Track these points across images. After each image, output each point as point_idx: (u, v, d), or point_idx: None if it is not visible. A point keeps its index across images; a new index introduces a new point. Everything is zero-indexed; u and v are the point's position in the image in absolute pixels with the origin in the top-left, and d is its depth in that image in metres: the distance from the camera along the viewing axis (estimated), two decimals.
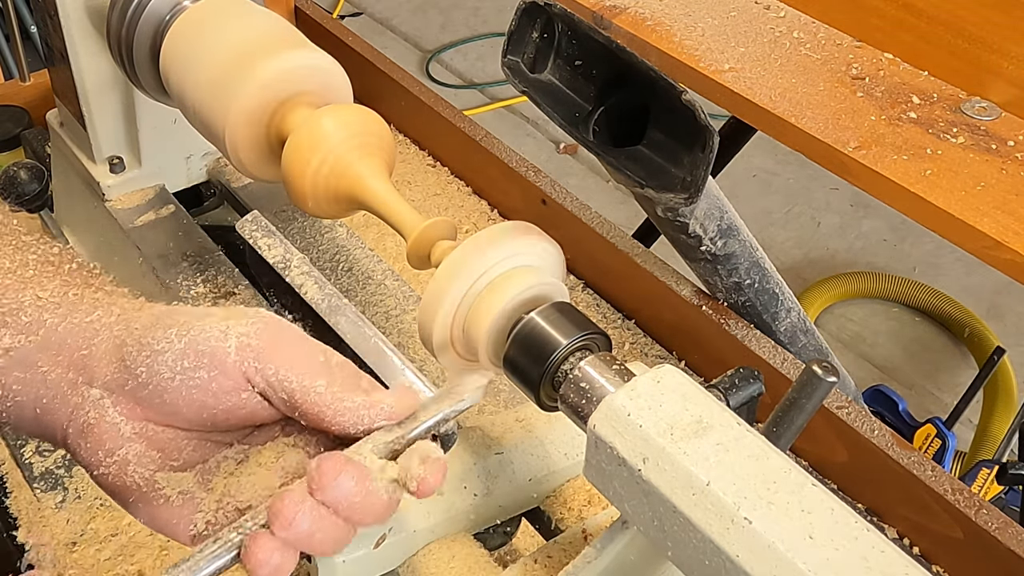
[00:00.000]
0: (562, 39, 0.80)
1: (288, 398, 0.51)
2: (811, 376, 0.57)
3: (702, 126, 0.70)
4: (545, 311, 0.60)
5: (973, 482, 1.60)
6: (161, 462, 0.53)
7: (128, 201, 1.02)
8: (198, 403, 0.51)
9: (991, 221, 0.87)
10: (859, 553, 0.47)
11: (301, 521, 0.48)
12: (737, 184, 2.72)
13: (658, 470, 0.52)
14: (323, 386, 0.51)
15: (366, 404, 0.52)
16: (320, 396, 0.51)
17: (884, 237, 2.70)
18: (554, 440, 0.81)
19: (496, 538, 0.82)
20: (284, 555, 0.49)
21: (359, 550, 0.72)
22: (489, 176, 1.18)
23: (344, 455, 0.50)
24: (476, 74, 3.31)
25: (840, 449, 0.86)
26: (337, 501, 0.49)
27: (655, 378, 0.55)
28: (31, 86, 1.17)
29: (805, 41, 1.13)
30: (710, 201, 0.88)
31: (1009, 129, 0.99)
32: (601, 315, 1.05)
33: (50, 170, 1.13)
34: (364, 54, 1.29)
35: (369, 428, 0.52)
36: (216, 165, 1.07)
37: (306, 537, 0.49)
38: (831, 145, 0.96)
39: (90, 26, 0.91)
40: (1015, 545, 0.74)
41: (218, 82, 0.76)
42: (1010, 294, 2.49)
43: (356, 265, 1.04)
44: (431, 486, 0.51)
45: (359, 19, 3.59)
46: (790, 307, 1.02)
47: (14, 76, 1.14)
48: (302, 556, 0.67)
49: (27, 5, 2.16)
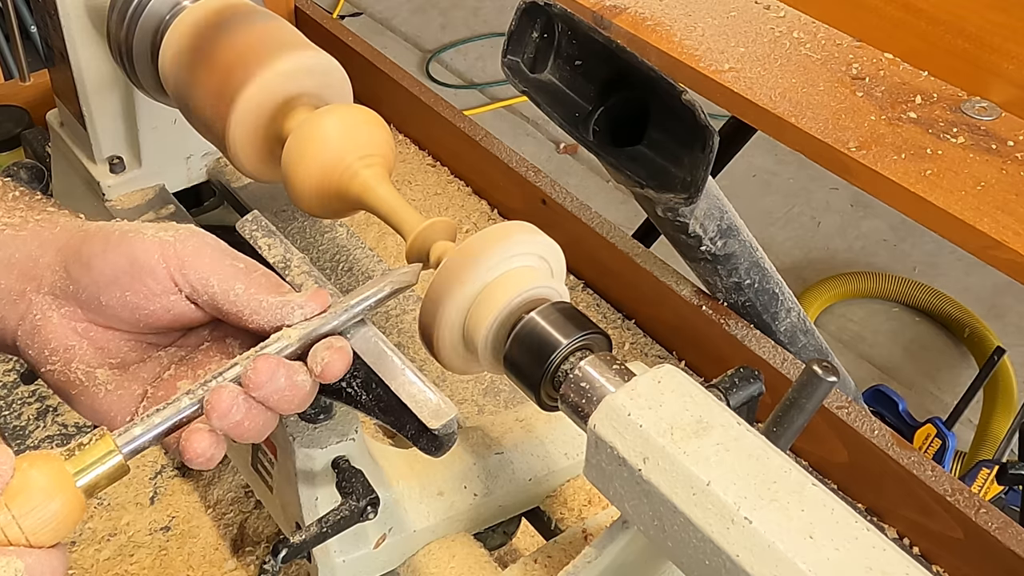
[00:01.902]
0: (562, 39, 0.80)
1: (210, 300, 0.57)
2: (811, 376, 0.57)
3: (702, 126, 0.70)
4: (545, 311, 0.60)
5: (973, 482, 1.60)
6: (101, 360, 0.58)
7: (128, 201, 1.02)
8: (132, 305, 0.57)
9: (991, 221, 0.87)
10: (859, 553, 0.47)
11: (235, 413, 0.53)
12: (737, 184, 2.72)
13: (658, 470, 0.52)
14: (242, 288, 0.57)
15: (280, 303, 0.57)
16: (238, 297, 0.57)
17: (884, 237, 2.70)
18: (554, 440, 0.81)
19: (496, 538, 0.82)
20: (217, 445, 0.54)
21: (359, 550, 0.72)
22: (489, 176, 1.18)
23: (276, 356, 0.55)
24: (476, 74, 3.31)
25: (840, 449, 0.86)
26: (267, 395, 0.54)
27: (655, 378, 0.55)
28: (31, 86, 1.17)
29: (805, 41, 1.13)
30: (710, 201, 0.88)
31: (1009, 129, 0.99)
32: (601, 315, 1.05)
33: (50, 170, 1.13)
34: (364, 54, 1.29)
35: (284, 325, 0.57)
36: (216, 165, 1.07)
37: (235, 427, 0.54)
38: (831, 145, 0.96)
39: (90, 26, 0.91)
40: (1015, 545, 0.74)
41: (218, 82, 0.76)
42: (1010, 294, 2.49)
43: (356, 265, 1.04)
44: (334, 369, 0.56)
45: (359, 19, 3.59)
46: (790, 307, 1.02)
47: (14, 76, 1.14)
48: (302, 556, 0.67)
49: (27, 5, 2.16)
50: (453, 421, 0.57)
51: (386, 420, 0.60)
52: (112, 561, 0.82)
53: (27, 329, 0.58)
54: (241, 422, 0.54)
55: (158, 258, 0.56)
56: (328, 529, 0.66)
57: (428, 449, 0.58)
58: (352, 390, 0.60)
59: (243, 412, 0.54)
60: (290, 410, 0.56)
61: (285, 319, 0.57)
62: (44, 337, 0.57)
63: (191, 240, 0.58)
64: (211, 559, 0.83)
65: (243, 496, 0.87)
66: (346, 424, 0.69)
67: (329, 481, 0.69)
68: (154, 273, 0.56)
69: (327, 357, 0.56)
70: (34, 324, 0.58)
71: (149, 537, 0.84)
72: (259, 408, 0.55)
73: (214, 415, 0.53)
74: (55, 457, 0.49)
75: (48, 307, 0.58)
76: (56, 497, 0.48)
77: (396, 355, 0.60)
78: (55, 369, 0.58)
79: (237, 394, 0.54)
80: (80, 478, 0.49)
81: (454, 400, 0.86)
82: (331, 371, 0.56)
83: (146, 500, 0.87)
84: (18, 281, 0.58)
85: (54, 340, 0.57)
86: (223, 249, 0.59)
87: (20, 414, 0.92)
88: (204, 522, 0.85)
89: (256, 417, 0.55)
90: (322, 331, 0.58)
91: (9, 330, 0.59)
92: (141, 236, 0.57)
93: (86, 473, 0.49)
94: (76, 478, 0.49)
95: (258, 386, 0.54)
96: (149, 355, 0.60)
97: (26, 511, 0.46)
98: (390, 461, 0.75)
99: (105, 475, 0.50)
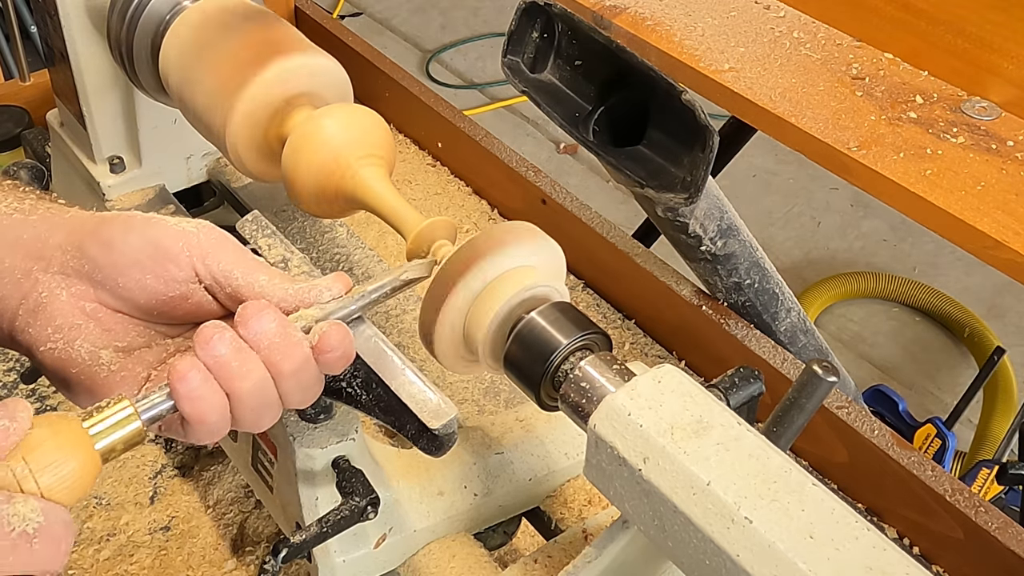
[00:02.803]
0: (562, 39, 0.80)
1: (234, 292, 0.57)
2: (811, 376, 0.57)
3: (702, 126, 0.70)
4: (545, 311, 0.60)
5: (973, 482, 1.60)
6: (107, 341, 0.57)
7: (128, 201, 1.02)
8: (151, 290, 0.56)
9: (991, 221, 0.87)
10: (859, 553, 0.47)
11: (218, 344, 0.52)
12: (737, 184, 2.72)
13: (658, 470, 0.52)
14: (265, 279, 0.57)
15: (308, 288, 0.57)
16: (263, 287, 0.57)
17: (884, 237, 2.70)
18: (554, 440, 0.81)
19: (496, 538, 0.82)
20: (206, 382, 0.52)
21: (359, 550, 0.72)
22: (489, 176, 1.18)
23: (266, 301, 0.55)
24: (476, 74, 3.31)
25: (840, 449, 0.86)
26: (257, 337, 0.53)
27: (655, 378, 0.55)
28: (31, 86, 1.17)
29: (805, 41, 1.13)
30: (710, 201, 0.88)
31: (1009, 129, 0.99)
32: (601, 315, 1.06)
33: (50, 170, 1.13)
34: (364, 54, 1.29)
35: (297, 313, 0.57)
36: (216, 165, 1.07)
37: (225, 364, 0.52)
38: (831, 145, 0.96)
39: (90, 26, 0.91)
40: (1015, 545, 0.74)
41: (218, 82, 0.76)
42: (1010, 294, 2.49)
43: (356, 265, 1.04)
44: (331, 339, 0.55)
45: (359, 19, 3.59)
46: (790, 307, 1.02)
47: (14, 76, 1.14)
48: (302, 556, 0.67)
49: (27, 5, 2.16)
50: (453, 421, 0.57)
51: (386, 420, 0.60)
52: (112, 561, 0.82)
53: (30, 307, 0.57)
54: (229, 360, 0.52)
55: (181, 246, 0.56)
56: (328, 529, 0.66)
57: (428, 449, 0.58)
58: (352, 390, 0.60)
59: (229, 347, 0.52)
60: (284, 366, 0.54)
61: (314, 301, 0.57)
62: (49, 314, 0.56)
63: (213, 232, 0.58)
64: (211, 559, 0.83)
65: (243, 496, 0.87)
66: (346, 424, 0.69)
67: (329, 481, 0.69)
68: (177, 260, 0.56)
69: (326, 327, 0.56)
70: (39, 301, 0.56)
71: (149, 537, 0.84)
72: (253, 358, 0.53)
73: (197, 342, 0.52)
74: (73, 419, 0.49)
75: (57, 286, 0.56)
76: (74, 457, 0.47)
77: (396, 355, 0.60)
78: (56, 347, 0.56)
79: (224, 328, 0.53)
80: (98, 441, 0.49)
81: (454, 400, 0.86)
82: (325, 343, 0.55)
83: (146, 500, 0.87)
84: (24, 260, 0.57)
85: (59, 318, 0.56)
86: (241, 246, 0.59)
87: None
88: (204, 522, 0.85)
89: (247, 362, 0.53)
90: (338, 315, 0.58)
91: (9, 311, 0.57)
92: (164, 223, 0.57)
93: (104, 436, 0.49)
94: (94, 440, 0.49)
95: (244, 321, 0.53)
96: (156, 341, 0.59)
97: (43, 466, 0.46)
98: (390, 461, 0.75)
99: (122, 439, 0.50)
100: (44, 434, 0.47)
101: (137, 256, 0.56)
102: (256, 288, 0.57)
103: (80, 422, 0.49)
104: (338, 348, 0.56)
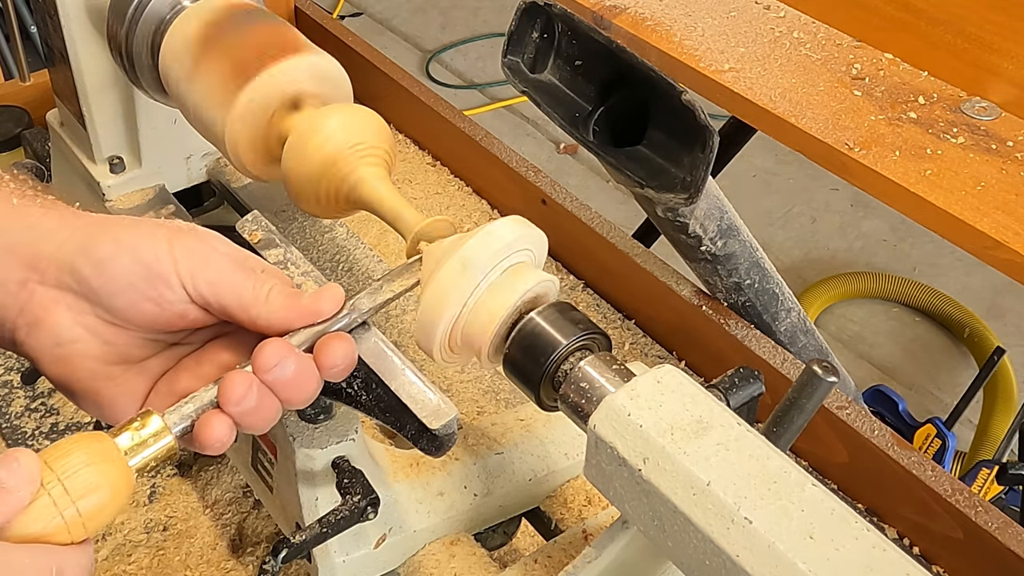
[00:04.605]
0: (562, 39, 0.80)
1: (222, 310, 0.57)
2: (811, 376, 0.57)
3: (702, 126, 0.70)
4: (545, 311, 0.60)
5: (973, 482, 1.60)
6: (108, 354, 0.57)
7: (128, 201, 1.02)
8: (146, 311, 0.57)
9: (991, 221, 0.87)
10: (859, 553, 0.47)
11: (249, 399, 0.54)
12: (737, 184, 2.72)
13: (658, 470, 0.51)
14: (252, 297, 0.57)
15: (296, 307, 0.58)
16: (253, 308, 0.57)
17: (884, 237, 2.70)
18: (554, 440, 0.81)
19: (496, 538, 0.82)
20: (231, 431, 0.54)
21: (359, 550, 0.72)
22: (489, 176, 1.18)
23: (284, 340, 0.56)
24: (476, 74, 3.31)
25: (840, 449, 0.86)
26: (277, 382, 0.55)
27: (655, 378, 0.55)
28: (31, 86, 1.17)
29: (805, 41, 1.13)
30: (710, 201, 0.88)
31: (1009, 129, 0.99)
32: (601, 315, 1.05)
33: (50, 170, 1.13)
34: (364, 54, 1.29)
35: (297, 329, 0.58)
36: (216, 165, 1.07)
37: (251, 413, 0.54)
38: (831, 145, 0.96)
39: (90, 26, 0.91)
40: (1015, 545, 0.74)
41: (218, 82, 0.76)
42: (1010, 294, 2.48)
43: (356, 265, 1.04)
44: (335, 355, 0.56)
45: (359, 19, 3.59)
46: (790, 307, 1.02)
47: (14, 76, 1.14)
48: (302, 556, 0.67)
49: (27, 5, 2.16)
50: (453, 421, 0.57)
51: (386, 420, 0.60)
52: (110, 561, 0.82)
53: (29, 321, 0.56)
54: (256, 409, 0.54)
55: (171, 269, 0.56)
56: (328, 529, 0.66)
57: (428, 449, 0.58)
58: (352, 390, 0.60)
59: (255, 400, 0.54)
60: (297, 400, 0.56)
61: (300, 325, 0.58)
62: (49, 329, 0.56)
63: (198, 248, 0.57)
64: (209, 559, 0.83)
65: (241, 496, 0.87)
66: (346, 424, 0.69)
67: (329, 481, 0.69)
68: (169, 282, 0.56)
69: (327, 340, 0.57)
70: (37, 316, 0.56)
71: (147, 536, 0.84)
72: (270, 396, 0.55)
73: (229, 402, 0.54)
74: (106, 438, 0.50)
75: (53, 300, 0.56)
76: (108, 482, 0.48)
77: (396, 355, 0.60)
78: (58, 362, 0.57)
79: (252, 381, 0.54)
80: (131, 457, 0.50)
81: (454, 400, 0.86)
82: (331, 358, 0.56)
83: (144, 499, 0.87)
84: (19, 270, 0.57)
85: (59, 333, 0.56)
86: (230, 253, 0.59)
87: (20, 414, 0.92)
88: (202, 522, 0.85)
89: (268, 407, 0.55)
90: (332, 329, 0.58)
91: (8, 320, 0.57)
92: (151, 237, 0.57)
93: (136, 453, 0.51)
94: (128, 457, 0.50)
95: (266, 368, 0.54)
96: (156, 351, 0.60)
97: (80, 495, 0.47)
98: (390, 461, 0.75)
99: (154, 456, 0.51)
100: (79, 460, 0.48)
101: (130, 279, 0.56)
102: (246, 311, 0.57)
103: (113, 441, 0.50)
104: (341, 363, 0.57)
